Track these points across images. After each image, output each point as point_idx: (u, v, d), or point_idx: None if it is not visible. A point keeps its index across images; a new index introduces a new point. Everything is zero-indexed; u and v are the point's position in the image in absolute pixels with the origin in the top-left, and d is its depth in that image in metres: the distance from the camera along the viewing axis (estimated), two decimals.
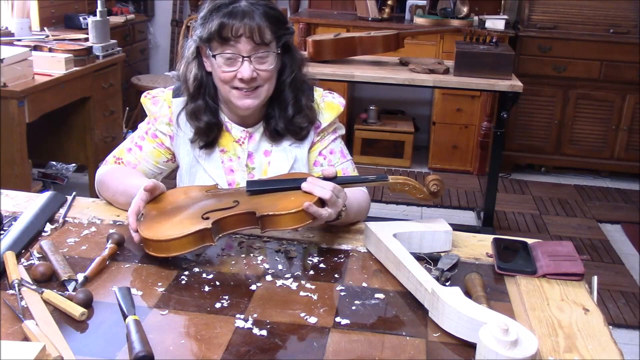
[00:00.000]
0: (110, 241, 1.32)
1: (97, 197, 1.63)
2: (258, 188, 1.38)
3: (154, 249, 1.27)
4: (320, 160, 1.63)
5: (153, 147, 1.63)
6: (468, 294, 1.19)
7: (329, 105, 1.63)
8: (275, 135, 1.60)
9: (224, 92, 1.54)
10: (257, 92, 1.52)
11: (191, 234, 1.25)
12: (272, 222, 1.29)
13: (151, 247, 1.28)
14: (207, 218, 1.28)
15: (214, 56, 1.50)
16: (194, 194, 1.40)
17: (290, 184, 1.37)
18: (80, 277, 1.20)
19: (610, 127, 4.46)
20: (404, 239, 1.33)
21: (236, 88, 1.51)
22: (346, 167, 1.65)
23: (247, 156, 1.61)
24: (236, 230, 1.32)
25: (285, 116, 1.58)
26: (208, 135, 1.58)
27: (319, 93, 1.65)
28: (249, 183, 1.40)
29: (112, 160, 1.65)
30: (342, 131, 1.69)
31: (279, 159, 1.61)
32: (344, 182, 1.40)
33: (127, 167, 1.62)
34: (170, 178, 1.71)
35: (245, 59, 1.48)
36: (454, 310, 1.06)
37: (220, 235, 1.29)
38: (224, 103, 1.60)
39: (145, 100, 1.64)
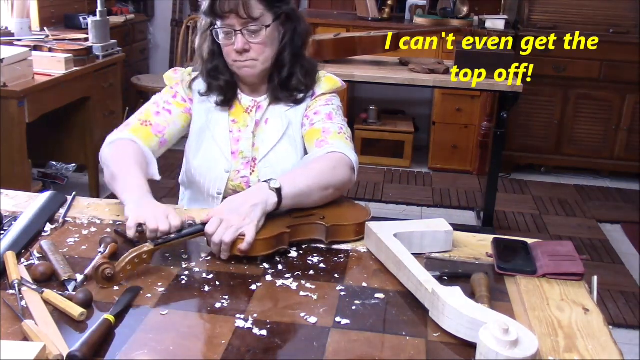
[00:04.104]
0: (102, 245, 1.31)
1: (98, 197, 1.63)
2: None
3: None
4: (305, 121, 1.68)
5: (181, 112, 1.70)
6: (473, 293, 1.19)
7: (328, 79, 1.72)
8: (274, 98, 1.67)
9: (229, 64, 1.63)
10: (253, 63, 1.59)
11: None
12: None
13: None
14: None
15: (215, 29, 1.58)
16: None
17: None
18: (80, 277, 1.20)
19: (610, 127, 4.46)
20: (405, 238, 1.33)
21: (235, 60, 1.59)
22: (328, 127, 1.63)
23: (255, 124, 1.67)
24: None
25: (280, 77, 1.65)
26: (226, 94, 1.66)
27: (323, 72, 1.74)
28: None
29: (136, 123, 1.64)
30: (337, 102, 1.72)
31: (274, 124, 1.67)
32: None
33: (135, 148, 1.58)
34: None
35: (237, 32, 1.55)
36: (454, 310, 1.06)
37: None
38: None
39: (167, 73, 1.75)
